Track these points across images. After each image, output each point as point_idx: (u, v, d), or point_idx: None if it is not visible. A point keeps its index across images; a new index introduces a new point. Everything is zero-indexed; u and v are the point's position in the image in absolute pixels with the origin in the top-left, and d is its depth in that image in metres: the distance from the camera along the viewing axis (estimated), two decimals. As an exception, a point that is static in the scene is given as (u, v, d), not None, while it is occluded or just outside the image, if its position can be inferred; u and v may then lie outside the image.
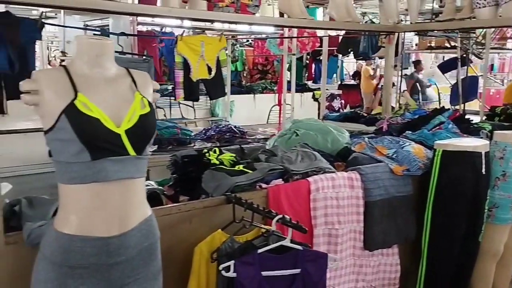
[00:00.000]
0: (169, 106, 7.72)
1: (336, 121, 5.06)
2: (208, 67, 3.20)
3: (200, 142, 4.53)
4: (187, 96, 3.26)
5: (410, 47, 8.84)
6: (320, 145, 2.91)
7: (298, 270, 1.72)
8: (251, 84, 9.19)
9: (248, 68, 9.99)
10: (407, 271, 2.61)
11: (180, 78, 3.18)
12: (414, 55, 10.40)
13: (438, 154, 2.50)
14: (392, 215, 2.41)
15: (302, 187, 2.15)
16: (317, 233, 2.17)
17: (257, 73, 9.72)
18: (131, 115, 1.34)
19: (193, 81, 3.19)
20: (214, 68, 3.20)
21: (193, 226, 1.83)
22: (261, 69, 9.62)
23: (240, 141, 4.43)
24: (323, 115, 5.68)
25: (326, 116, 5.63)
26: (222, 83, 3.26)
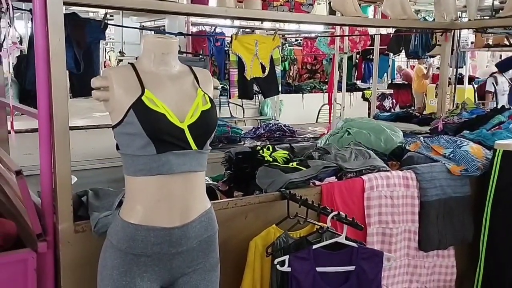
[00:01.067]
0: (219, 105, 7.85)
1: (387, 121, 4.94)
2: (262, 66, 3.24)
3: (250, 140, 4.57)
4: (241, 95, 3.31)
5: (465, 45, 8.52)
6: (373, 144, 2.88)
7: (352, 267, 1.72)
8: (299, 84, 9.17)
9: (297, 68, 9.99)
10: (463, 274, 2.54)
11: (235, 77, 3.23)
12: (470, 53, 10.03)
13: (498, 155, 2.41)
14: (448, 216, 2.35)
15: (356, 185, 2.14)
16: (370, 232, 2.15)
17: (306, 73, 9.70)
18: (193, 110, 1.39)
19: (247, 80, 3.23)
20: (267, 67, 3.23)
21: (248, 221, 1.87)
22: (310, 68, 9.58)
23: (289, 139, 4.43)
24: (374, 115, 5.59)
25: (377, 116, 5.54)
26: (276, 81, 3.29)
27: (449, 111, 3.41)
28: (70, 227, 1.51)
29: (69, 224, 1.50)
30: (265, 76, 3.25)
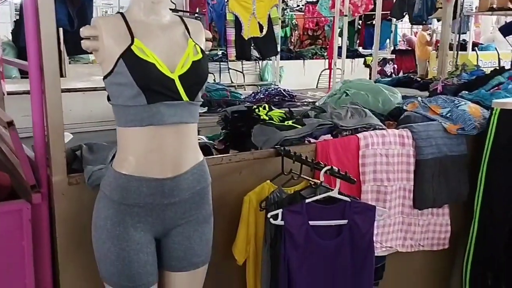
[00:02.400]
0: (219, 71, 7.79)
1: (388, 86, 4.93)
2: (260, 25, 3.19)
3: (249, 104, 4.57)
4: (238, 55, 3.28)
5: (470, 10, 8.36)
6: (371, 105, 2.86)
7: (345, 221, 1.74)
8: (300, 50, 9.08)
9: (298, 34, 9.85)
10: (457, 232, 2.57)
11: (232, 37, 3.20)
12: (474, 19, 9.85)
13: (495, 113, 2.39)
14: (443, 175, 2.36)
15: (351, 143, 2.14)
16: (365, 189, 2.17)
17: (307, 39, 9.58)
18: (184, 61, 1.38)
19: (245, 40, 3.19)
20: (265, 26, 3.19)
21: (242, 177, 1.88)
22: (312, 34, 9.46)
23: (289, 104, 4.43)
24: (374, 80, 5.55)
25: (378, 81, 5.49)
26: (274, 41, 3.25)
27: (448, 73, 3.38)
28: (64, 179, 1.52)
29: (63, 176, 1.51)
30: (263, 36, 3.21)
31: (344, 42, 5.31)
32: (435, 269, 2.62)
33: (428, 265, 2.57)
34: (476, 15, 8.08)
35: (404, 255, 2.39)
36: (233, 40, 3.18)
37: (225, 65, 7.82)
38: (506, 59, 7.95)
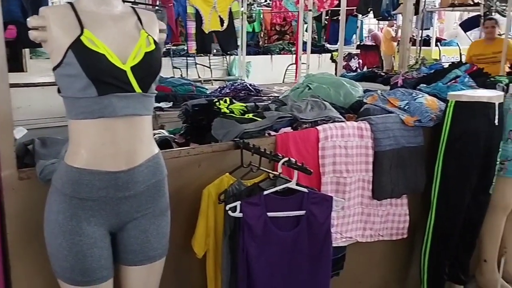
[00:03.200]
0: (186, 66, 7.77)
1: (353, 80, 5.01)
2: (221, 19, 3.18)
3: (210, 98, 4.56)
4: (199, 48, 3.26)
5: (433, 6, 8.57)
6: (333, 98, 2.91)
7: (303, 212, 1.76)
8: (268, 45, 9.10)
9: (266, 29, 9.86)
10: (416, 222, 2.64)
11: (192, 30, 3.18)
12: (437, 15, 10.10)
13: (450, 105, 2.47)
14: (401, 166, 2.41)
15: (311, 135, 2.17)
16: (325, 181, 2.20)
17: (275, 34, 9.60)
18: (136, 52, 1.36)
19: (206, 33, 3.18)
20: (226, 20, 3.18)
21: (201, 170, 1.88)
22: (279, 29, 9.48)
23: (255, 99, 4.44)
24: (340, 75, 5.62)
25: (343, 76, 5.57)
26: (235, 35, 3.25)
27: (408, 67, 3.45)
28: (14, 173, 1.48)
29: (12, 170, 1.47)
30: (224, 30, 3.20)
31: (309, 37, 5.36)
32: (395, 258, 2.69)
33: (388, 254, 2.63)
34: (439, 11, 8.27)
35: (365, 245, 2.44)
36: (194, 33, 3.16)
37: (192, 60, 7.79)
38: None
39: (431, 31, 9.84)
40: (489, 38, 5.07)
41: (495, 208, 2.78)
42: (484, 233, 2.85)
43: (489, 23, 5.06)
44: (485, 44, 5.18)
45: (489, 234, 2.85)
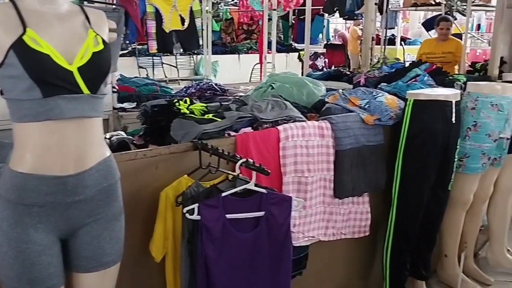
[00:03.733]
0: (152, 66, 7.65)
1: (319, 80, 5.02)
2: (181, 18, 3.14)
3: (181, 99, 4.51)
4: (160, 48, 3.21)
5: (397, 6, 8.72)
6: (295, 98, 2.91)
7: (262, 213, 1.75)
8: (236, 45, 9.07)
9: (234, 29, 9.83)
10: (378, 219, 2.67)
11: (153, 29, 3.12)
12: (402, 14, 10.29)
13: (409, 104, 2.50)
14: (362, 164, 2.43)
15: (271, 135, 2.15)
16: (286, 180, 2.19)
17: (242, 33, 9.58)
18: (83, 52, 1.32)
19: (166, 32, 3.13)
20: (187, 19, 3.14)
21: (159, 172, 1.84)
22: (247, 29, 9.47)
23: (221, 98, 4.41)
24: (306, 74, 5.65)
25: (310, 75, 5.59)
26: (196, 34, 3.21)
27: (370, 66, 3.50)
28: (-44, 180, 1.41)
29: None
30: (185, 29, 3.16)
31: (273, 37, 5.35)
32: (358, 256, 2.71)
33: (351, 252, 2.65)
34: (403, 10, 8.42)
35: (327, 244, 2.45)
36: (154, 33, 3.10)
37: (159, 59, 7.68)
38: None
39: (396, 30, 10.01)
40: (442, 39, 5.12)
41: (455, 204, 2.84)
42: (445, 229, 2.91)
43: (444, 25, 5.08)
44: (436, 43, 5.23)
45: (449, 229, 2.91)
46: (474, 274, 3.07)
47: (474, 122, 2.68)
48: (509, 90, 2.74)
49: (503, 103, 2.68)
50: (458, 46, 5.17)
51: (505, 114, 2.70)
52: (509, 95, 2.73)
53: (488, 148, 2.70)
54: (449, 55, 4.87)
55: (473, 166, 2.73)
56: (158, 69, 7.65)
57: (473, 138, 2.69)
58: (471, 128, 2.69)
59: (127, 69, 6.89)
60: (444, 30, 5.09)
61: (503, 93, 2.70)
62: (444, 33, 5.11)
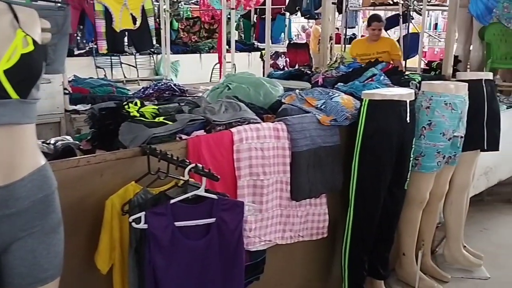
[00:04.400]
0: (110, 66, 7.43)
1: (280, 79, 5.00)
2: (133, 17, 3.03)
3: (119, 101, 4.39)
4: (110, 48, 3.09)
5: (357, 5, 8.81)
6: (252, 98, 2.86)
7: (213, 219, 1.68)
8: (197, 44, 8.95)
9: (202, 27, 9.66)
10: (336, 220, 2.66)
11: (102, 28, 3.00)
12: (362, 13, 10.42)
13: (364, 104, 2.50)
14: (318, 165, 2.41)
15: (224, 138, 2.10)
16: (241, 184, 2.14)
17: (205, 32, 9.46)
18: (11, 53, 1.21)
19: (117, 32, 3.01)
20: (139, 18, 3.03)
21: (104, 179, 1.75)
22: (208, 28, 9.36)
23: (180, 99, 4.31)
24: (267, 74, 5.62)
25: (271, 74, 5.57)
26: (149, 34, 3.10)
27: (327, 66, 3.49)
28: None
29: None
30: (137, 28, 3.05)
31: (233, 36, 5.30)
32: (317, 258, 2.69)
33: (309, 254, 2.62)
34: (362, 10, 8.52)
35: (285, 247, 2.41)
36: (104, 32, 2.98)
37: (117, 59, 7.47)
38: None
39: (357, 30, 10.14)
40: (374, 39, 4.97)
41: (412, 202, 2.86)
42: (402, 228, 2.93)
43: (376, 25, 4.93)
44: (368, 43, 5.08)
45: (407, 228, 2.94)
46: (432, 272, 3.10)
47: (429, 121, 2.70)
48: (462, 89, 2.78)
49: (457, 102, 2.71)
50: (392, 44, 5.08)
51: (459, 113, 2.73)
52: (462, 94, 2.77)
53: (442, 146, 2.73)
54: (384, 54, 4.74)
55: (429, 164, 2.75)
56: (117, 69, 7.44)
57: (428, 137, 2.71)
58: (426, 127, 2.71)
59: (84, 69, 6.66)
60: (376, 30, 4.95)
61: (456, 92, 2.73)
62: (377, 34, 4.97)
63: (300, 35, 11.82)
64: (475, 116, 2.94)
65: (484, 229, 3.83)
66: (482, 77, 3.01)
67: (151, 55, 7.78)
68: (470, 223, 3.83)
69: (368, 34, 5.11)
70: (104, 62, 7.39)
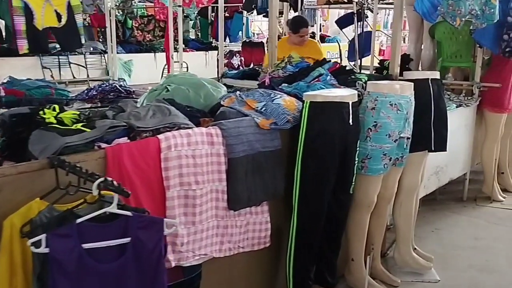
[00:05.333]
0: (58, 66, 7.09)
1: (234, 79, 4.87)
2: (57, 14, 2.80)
3: (80, 103, 4.15)
4: (32, 48, 2.85)
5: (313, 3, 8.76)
6: (192, 101, 2.71)
7: (128, 239, 1.51)
8: (152, 43, 8.69)
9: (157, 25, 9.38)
10: (280, 228, 2.53)
11: (22, 26, 2.75)
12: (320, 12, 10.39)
13: (306, 106, 2.37)
14: (258, 172, 2.26)
15: (150, 145, 1.92)
16: (170, 195, 1.96)
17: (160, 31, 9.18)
18: None
19: (39, 30, 2.77)
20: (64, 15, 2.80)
21: (4, 196, 1.54)
22: (164, 26, 9.08)
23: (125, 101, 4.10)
24: (221, 73, 5.46)
25: (225, 74, 5.41)
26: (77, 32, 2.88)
27: (274, 66, 3.35)
28: None
29: None
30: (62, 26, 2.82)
31: (179, 34, 5.10)
32: (260, 268, 2.55)
33: (252, 266, 2.48)
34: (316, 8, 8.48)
35: (225, 260, 2.26)
36: (24, 30, 2.74)
37: (65, 59, 7.14)
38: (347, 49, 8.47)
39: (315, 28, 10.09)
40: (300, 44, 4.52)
41: (359, 206, 2.77)
42: (350, 232, 2.83)
43: (304, 31, 4.53)
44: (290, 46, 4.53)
45: (355, 232, 2.84)
46: (382, 276, 3.02)
47: (375, 123, 2.60)
48: (407, 89, 2.70)
49: (402, 102, 2.63)
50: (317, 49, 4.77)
51: (404, 114, 2.65)
52: (408, 94, 2.69)
53: (389, 148, 2.64)
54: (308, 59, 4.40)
55: (375, 167, 2.66)
56: (65, 69, 7.11)
57: (374, 139, 2.61)
58: (372, 128, 2.61)
59: (29, 70, 6.31)
60: (304, 36, 4.56)
61: (401, 93, 2.65)
62: (303, 40, 4.57)
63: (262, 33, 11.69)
64: (422, 116, 2.86)
65: (436, 229, 3.79)
66: (429, 77, 2.94)
67: (102, 54, 7.48)
68: (422, 223, 3.80)
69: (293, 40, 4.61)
70: (51, 62, 7.03)
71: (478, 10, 3.29)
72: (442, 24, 4.08)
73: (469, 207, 4.26)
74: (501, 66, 4.08)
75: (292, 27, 4.67)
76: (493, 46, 3.87)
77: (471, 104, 4.04)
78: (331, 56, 9.36)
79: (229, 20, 9.45)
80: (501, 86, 4.06)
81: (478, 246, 3.53)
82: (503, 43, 3.81)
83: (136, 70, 7.82)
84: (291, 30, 4.65)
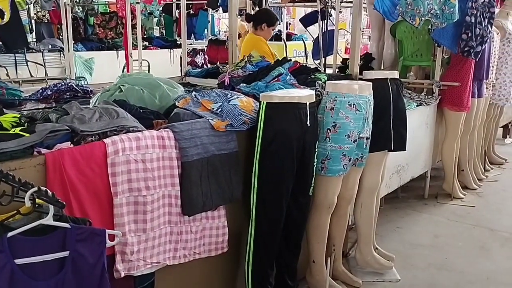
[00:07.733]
0: (14, 64, 6.81)
1: (198, 77, 4.78)
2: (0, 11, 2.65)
3: (33, 103, 3.96)
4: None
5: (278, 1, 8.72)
6: (147, 102, 2.61)
7: (66, 253, 1.42)
8: (114, 40, 8.47)
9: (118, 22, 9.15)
10: (239, 232, 2.47)
11: (-42, 24, 2.59)
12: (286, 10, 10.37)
13: (262, 107, 2.31)
14: (213, 176, 2.19)
15: (96, 150, 1.82)
16: (119, 202, 1.87)
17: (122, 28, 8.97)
18: None
19: (-21, 28, 2.62)
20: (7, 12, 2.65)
21: None
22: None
23: (82, 101, 3.94)
24: (185, 72, 5.35)
25: (189, 73, 5.31)
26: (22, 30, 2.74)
27: (234, 65, 3.28)
28: None
29: None
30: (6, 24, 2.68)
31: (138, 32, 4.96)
32: (218, 274, 2.48)
33: (209, 272, 2.41)
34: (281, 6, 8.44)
35: (180, 267, 2.18)
36: (-39, 28, 2.59)
37: (22, 57, 6.86)
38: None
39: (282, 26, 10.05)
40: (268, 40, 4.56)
41: (320, 207, 2.73)
42: (311, 234, 2.79)
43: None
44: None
45: (316, 234, 2.80)
46: (343, 277, 3.00)
47: (334, 123, 2.56)
48: (366, 89, 2.68)
49: (360, 102, 2.60)
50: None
51: (363, 114, 2.62)
52: (366, 94, 2.66)
53: (348, 149, 2.60)
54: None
55: (335, 168, 2.62)
56: (22, 68, 6.84)
57: (333, 139, 2.58)
58: (331, 129, 2.57)
59: (-18, 69, 6.07)
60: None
61: (360, 92, 2.62)
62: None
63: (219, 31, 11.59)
64: (381, 116, 2.85)
65: (397, 227, 3.81)
66: (388, 76, 2.92)
67: (61, 52, 7.23)
68: (384, 222, 3.81)
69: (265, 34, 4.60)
70: (7, 60, 6.74)
71: (438, 10, 3.30)
72: (403, 23, 4.09)
73: (430, 204, 4.31)
74: (460, 65, 4.13)
75: (267, 20, 4.56)
76: (452, 46, 3.91)
77: (431, 102, 4.08)
78: (297, 55, 9.36)
79: (194, 18, 9.31)
80: (460, 85, 4.11)
81: (438, 244, 3.56)
82: (462, 42, 3.86)
83: (98, 68, 7.60)
84: (266, 23, 4.56)
